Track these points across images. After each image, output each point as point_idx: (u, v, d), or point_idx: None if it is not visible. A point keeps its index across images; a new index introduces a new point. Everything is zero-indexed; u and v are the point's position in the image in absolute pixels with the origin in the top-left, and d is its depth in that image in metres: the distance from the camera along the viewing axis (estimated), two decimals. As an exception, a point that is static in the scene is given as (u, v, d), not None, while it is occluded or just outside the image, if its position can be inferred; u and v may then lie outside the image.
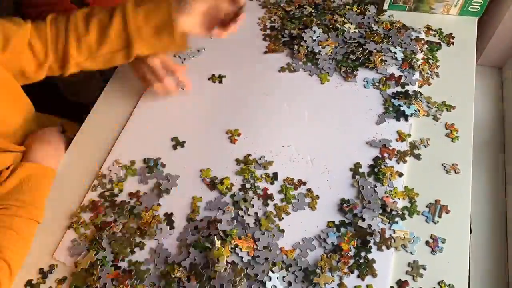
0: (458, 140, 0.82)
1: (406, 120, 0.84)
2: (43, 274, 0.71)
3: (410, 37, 0.95)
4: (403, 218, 0.73)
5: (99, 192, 0.79)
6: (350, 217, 0.73)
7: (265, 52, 0.96)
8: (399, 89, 0.88)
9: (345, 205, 0.74)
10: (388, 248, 0.70)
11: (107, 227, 0.74)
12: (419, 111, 0.85)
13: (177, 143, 0.84)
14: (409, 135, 0.82)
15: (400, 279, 0.68)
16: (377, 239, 0.70)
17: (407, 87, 0.88)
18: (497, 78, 1.16)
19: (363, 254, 0.69)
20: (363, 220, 0.72)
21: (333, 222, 0.73)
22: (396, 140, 0.82)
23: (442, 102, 0.87)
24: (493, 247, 0.88)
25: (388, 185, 0.76)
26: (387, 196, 0.74)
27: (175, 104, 0.90)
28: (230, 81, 0.93)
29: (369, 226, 0.72)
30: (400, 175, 0.77)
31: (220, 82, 0.93)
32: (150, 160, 0.82)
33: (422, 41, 0.95)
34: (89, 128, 0.89)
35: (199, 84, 0.93)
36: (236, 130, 0.85)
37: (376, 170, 0.78)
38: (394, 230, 0.71)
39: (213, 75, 0.94)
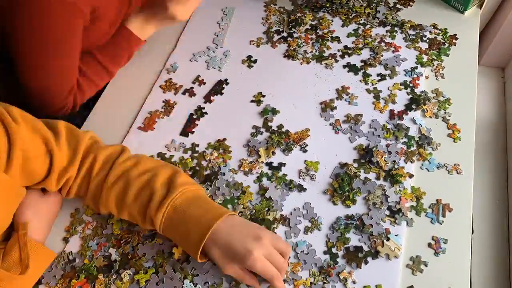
0: (460, 140, 0.82)
1: (414, 122, 0.84)
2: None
3: (418, 36, 0.96)
4: (409, 223, 0.73)
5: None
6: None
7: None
8: (407, 90, 0.89)
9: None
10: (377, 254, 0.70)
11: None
12: (427, 111, 0.85)
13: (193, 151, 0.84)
14: (421, 137, 0.82)
15: (412, 286, 0.68)
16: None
17: (415, 89, 0.88)
18: (499, 78, 1.16)
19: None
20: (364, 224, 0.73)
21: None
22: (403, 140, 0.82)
23: (444, 102, 0.87)
24: (495, 247, 0.88)
25: (398, 185, 0.76)
26: (404, 198, 0.75)
27: (183, 105, 0.90)
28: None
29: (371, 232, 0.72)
30: (411, 176, 0.77)
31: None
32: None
33: (427, 40, 0.95)
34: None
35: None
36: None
37: (391, 172, 0.77)
38: (388, 238, 0.71)
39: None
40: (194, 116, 0.88)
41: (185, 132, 0.86)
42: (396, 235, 0.71)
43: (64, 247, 0.74)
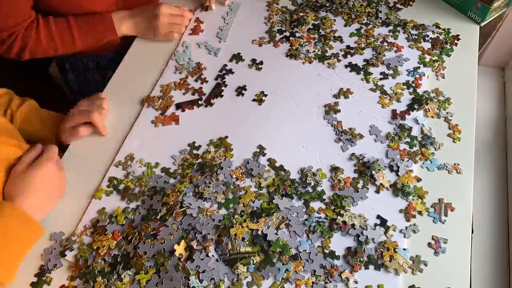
0: (459, 140, 0.82)
1: (416, 122, 0.84)
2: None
3: (420, 36, 0.96)
4: (406, 235, 0.72)
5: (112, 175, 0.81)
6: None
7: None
8: (410, 90, 0.89)
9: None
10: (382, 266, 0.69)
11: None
12: (429, 111, 0.85)
13: (193, 148, 0.84)
14: (424, 137, 0.82)
15: (413, 285, 0.68)
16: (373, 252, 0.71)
17: (418, 89, 0.88)
18: (499, 78, 1.17)
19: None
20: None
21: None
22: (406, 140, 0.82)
23: (444, 102, 0.87)
24: (495, 247, 0.89)
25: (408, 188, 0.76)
26: (413, 205, 0.75)
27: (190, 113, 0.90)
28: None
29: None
30: (418, 180, 0.77)
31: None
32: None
33: (430, 40, 0.95)
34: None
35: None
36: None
37: (398, 186, 0.77)
38: (397, 253, 0.70)
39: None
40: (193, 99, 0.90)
41: (180, 105, 0.89)
42: (404, 249, 0.71)
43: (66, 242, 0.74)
